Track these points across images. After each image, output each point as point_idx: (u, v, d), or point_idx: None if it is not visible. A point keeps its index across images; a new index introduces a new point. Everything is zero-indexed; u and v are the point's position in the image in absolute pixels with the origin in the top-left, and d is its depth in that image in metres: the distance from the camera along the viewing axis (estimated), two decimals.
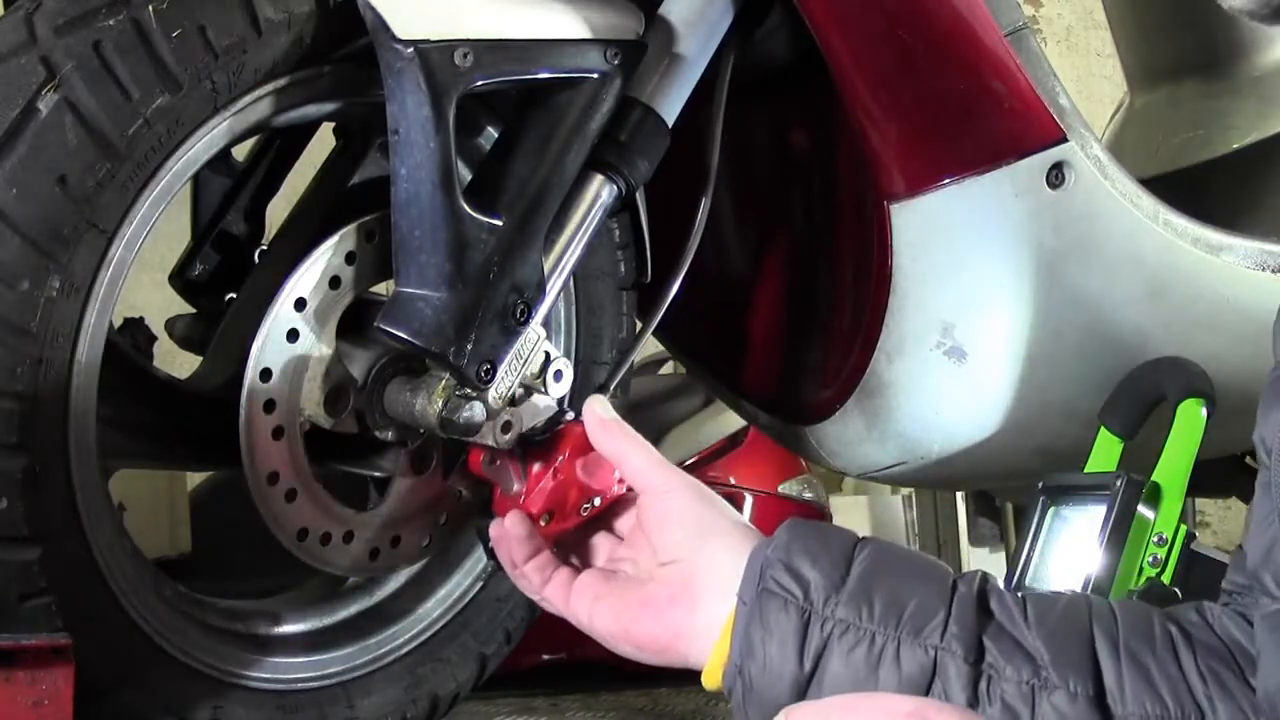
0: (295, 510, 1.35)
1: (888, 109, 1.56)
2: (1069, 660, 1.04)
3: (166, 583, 1.37)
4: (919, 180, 1.58)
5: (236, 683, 1.37)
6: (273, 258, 1.51)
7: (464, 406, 1.31)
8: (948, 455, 1.74)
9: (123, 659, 1.28)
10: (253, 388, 1.30)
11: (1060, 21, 4.88)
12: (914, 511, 4.23)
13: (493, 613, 1.58)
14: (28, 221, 1.17)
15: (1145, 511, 1.50)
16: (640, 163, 1.43)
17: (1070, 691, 1.02)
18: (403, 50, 1.25)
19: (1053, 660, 1.04)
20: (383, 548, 1.42)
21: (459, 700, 1.57)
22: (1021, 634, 1.06)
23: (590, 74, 1.38)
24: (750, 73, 1.58)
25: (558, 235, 1.39)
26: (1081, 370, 1.71)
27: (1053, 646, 1.05)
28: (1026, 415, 1.71)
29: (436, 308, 1.28)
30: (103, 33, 1.20)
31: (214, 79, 1.25)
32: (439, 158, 1.27)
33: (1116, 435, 1.63)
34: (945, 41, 1.54)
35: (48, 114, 1.18)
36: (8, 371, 1.17)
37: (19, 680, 1.05)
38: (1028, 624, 1.06)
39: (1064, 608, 1.09)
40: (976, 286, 1.66)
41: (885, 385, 1.69)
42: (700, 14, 1.48)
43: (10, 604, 1.19)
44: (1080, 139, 1.61)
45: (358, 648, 1.49)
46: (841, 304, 1.75)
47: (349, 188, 1.52)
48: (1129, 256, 1.68)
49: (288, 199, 1.59)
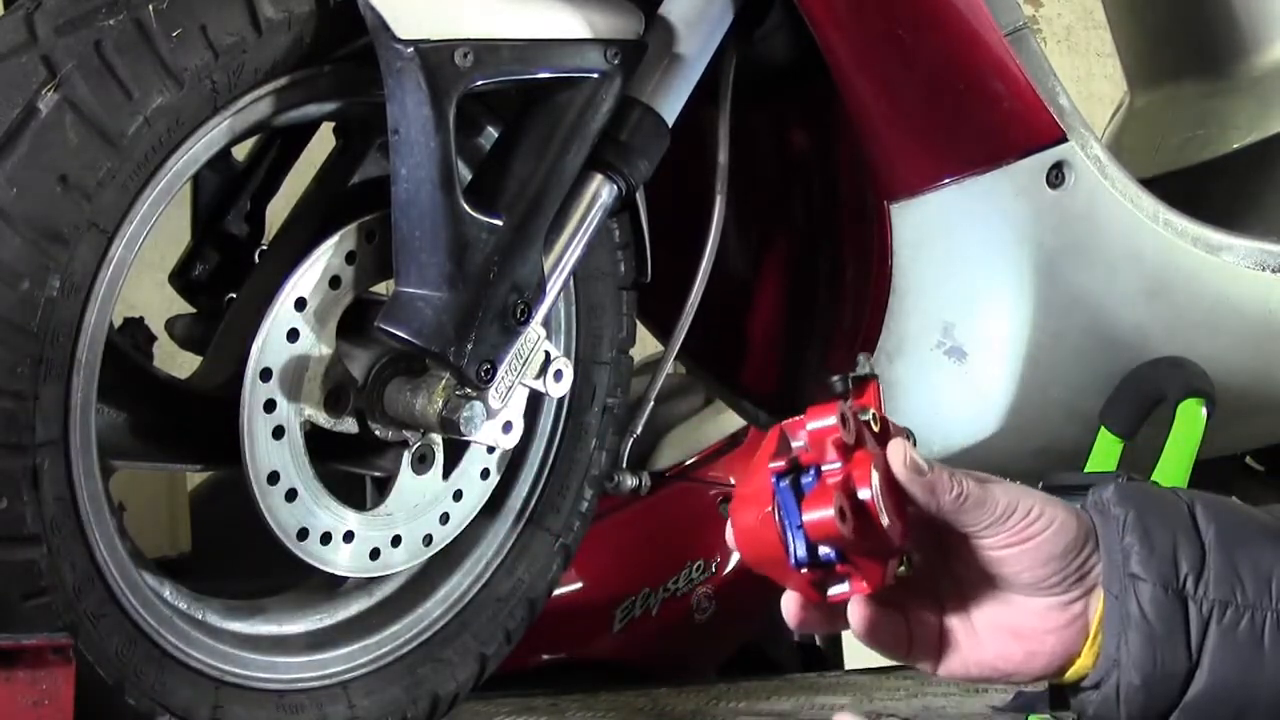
0: (295, 510, 1.35)
1: (888, 109, 1.56)
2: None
3: (166, 582, 1.37)
4: (919, 180, 1.59)
5: (236, 682, 1.37)
6: (273, 258, 1.51)
7: (464, 406, 1.31)
8: (948, 455, 1.73)
9: (123, 659, 1.28)
10: (253, 388, 1.30)
11: (1060, 21, 4.87)
12: None
13: (493, 613, 1.57)
14: (28, 221, 1.17)
15: None
16: (640, 163, 1.43)
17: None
18: (403, 50, 1.26)
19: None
20: (383, 548, 1.42)
21: (459, 700, 1.57)
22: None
23: (590, 74, 1.38)
24: (750, 73, 1.58)
25: (558, 235, 1.39)
26: (1081, 370, 1.71)
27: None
28: (1026, 415, 1.71)
29: (437, 308, 1.29)
30: (103, 32, 1.20)
31: (214, 78, 1.25)
32: (439, 158, 1.27)
33: (1116, 435, 1.63)
34: (945, 41, 1.54)
35: (48, 113, 1.18)
36: (8, 371, 1.17)
37: (19, 680, 1.05)
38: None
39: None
40: (976, 286, 1.66)
41: (885, 385, 1.68)
42: (700, 14, 1.48)
43: (11, 604, 1.19)
44: (1080, 139, 1.61)
45: (358, 648, 1.49)
46: (841, 304, 1.75)
47: (349, 188, 1.52)
48: (1129, 256, 1.68)
49: (288, 199, 1.59)
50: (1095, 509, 1.01)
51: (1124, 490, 1.01)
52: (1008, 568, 0.99)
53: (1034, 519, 0.99)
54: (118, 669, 1.28)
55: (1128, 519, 0.99)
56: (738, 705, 2.10)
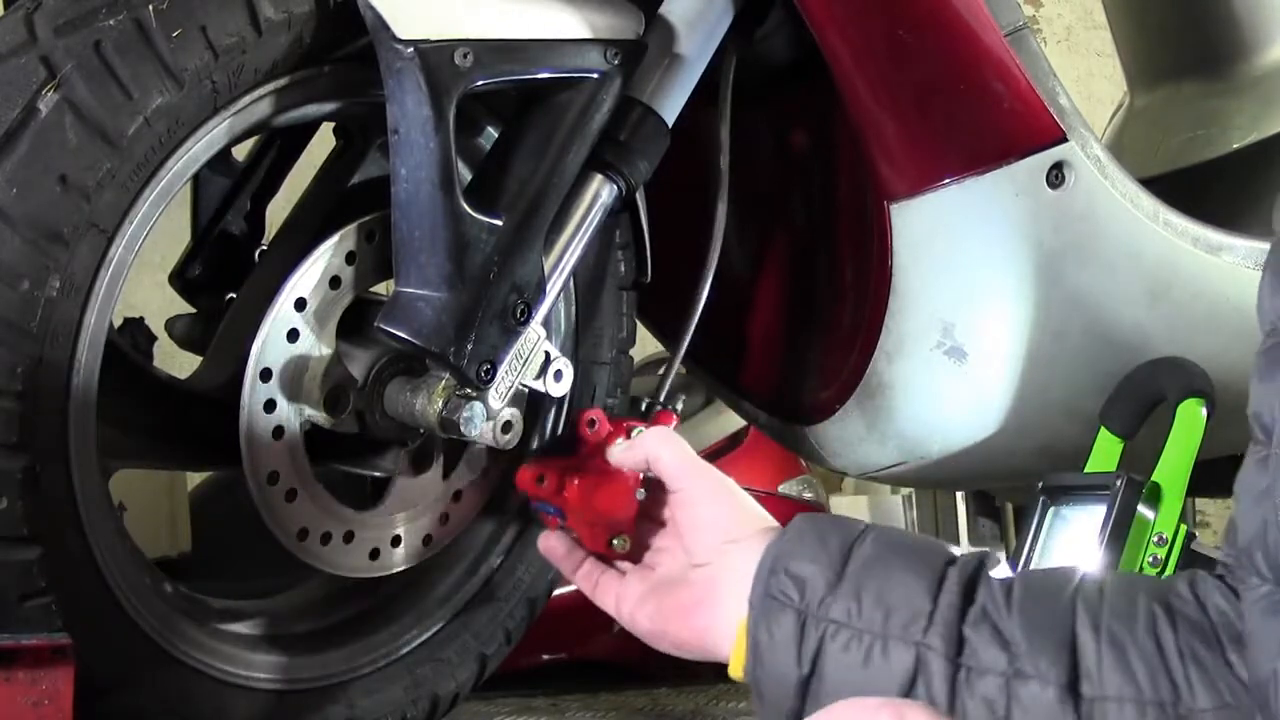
0: (295, 510, 1.35)
1: (888, 109, 1.56)
2: (1043, 646, 1.04)
3: (166, 583, 1.37)
4: (919, 180, 1.58)
5: (236, 683, 1.37)
6: (273, 258, 1.51)
7: (464, 407, 1.31)
8: (948, 455, 1.74)
9: (123, 659, 1.28)
10: (252, 388, 1.30)
11: (1060, 21, 4.88)
12: (914, 511, 4.22)
13: (493, 613, 1.58)
14: (28, 221, 1.17)
15: (1145, 511, 1.50)
16: (640, 163, 1.43)
17: (1042, 679, 1.03)
18: (403, 50, 1.25)
19: (1027, 648, 1.04)
20: (383, 548, 1.42)
21: (459, 700, 1.57)
22: (1001, 620, 1.06)
23: (590, 74, 1.38)
24: (750, 73, 1.58)
25: (558, 235, 1.39)
26: (1081, 370, 1.71)
27: (1029, 632, 1.05)
28: (1026, 415, 1.71)
29: (436, 308, 1.28)
30: (103, 32, 1.20)
31: (214, 79, 1.25)
32: (439, 158, 1.27)
33: (1116, 435, 1.63)
34: (945, 41, 1.54)
35: (48, 114, 1.18)
36: (8, 371, 1.17)
37: (19, 680, 1.05)
38: (1009, 609, 1.07)
39: (1050, 587, 1.09)
40: (976, 286, 1.66)
41: (885, 385, 1.69)
42: (700, 14, 1.48)
43: (10, 604, 1.19)
44: (1080, 139, 1.61)
45: (358, 648, 1.49)
46: (841, 304, 1.75)
47: (349, 188, 1.52)
48: (1129, 256, 1.68)
49: (288, 199, 1.59)
50: (786, 530, 1.16)
51: (801, 520, 1.16)
52: (686, 535, 1.20)
53: (697, 497, 1.20)
54: (118, 669, 1.28)
55: (784, 547, 1.13)
56: (738, 705, 2.10)
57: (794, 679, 1.09)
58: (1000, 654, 1.05)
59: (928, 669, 1.05)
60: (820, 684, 1.08)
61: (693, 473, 1.23)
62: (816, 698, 1.08)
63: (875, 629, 1.07)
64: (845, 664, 1.07)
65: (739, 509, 1.21)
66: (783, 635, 1.10)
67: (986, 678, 1.04)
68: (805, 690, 1.09)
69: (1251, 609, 0.99)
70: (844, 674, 1.07)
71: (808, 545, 1.13)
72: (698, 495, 1.21)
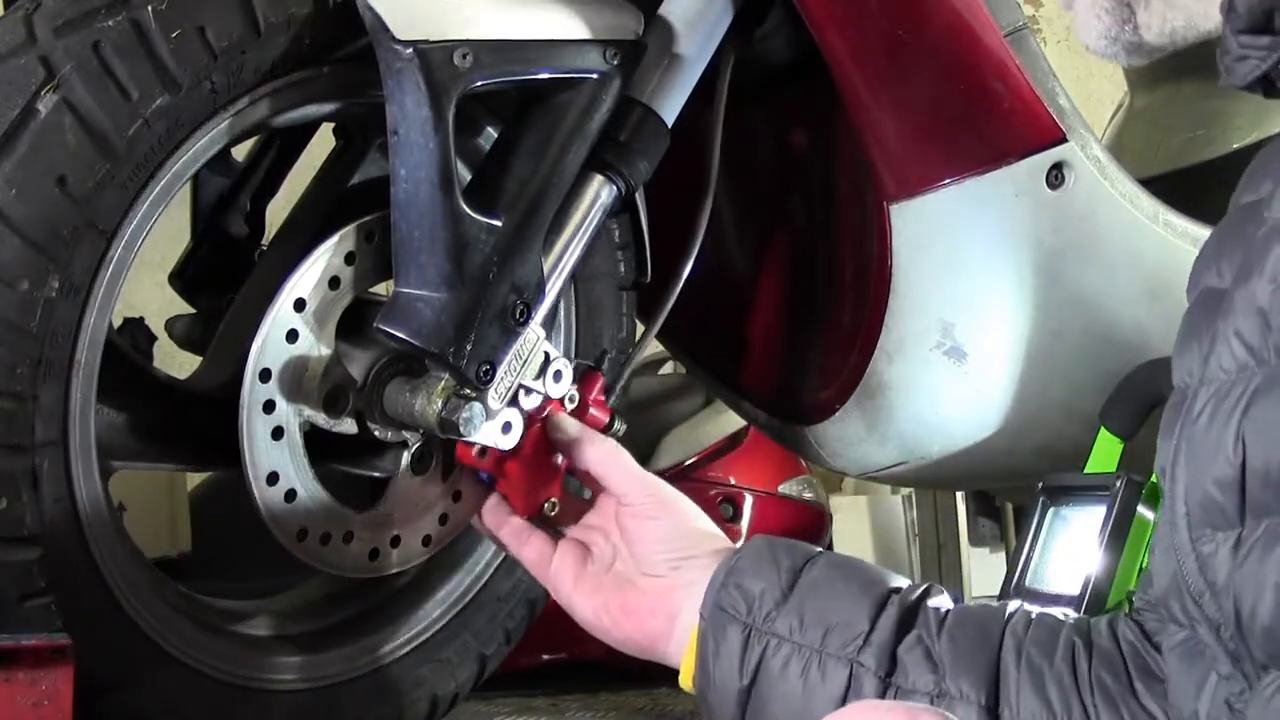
0: (295, 510, 1.34)
1: (888, 109, 1.56)
2: (969, 670, 1.11)
3: (166, 583, 1.37)
4: (919, 180, 1.59)
5: (236, 683, 1.37)
6: (272, 258, 1.51)
7: (463, 407, 1.31)
8: (948, 455, 1.74)
9: (123, 659, 1.28)
10: (252, 388, 1.30)
11: (1060, 21, 4.88)
12: (914, 511, 4.22)
13: (493, 613, 1.58)
14: (28, 221, 1.17)
15: (1145, 512, 1.50)
16: (640, 163, 1.43)
17: (965, 701, 1.09)
18: (402, 51, 1.25)
19: (953, 671, 1.11)
20: (383, 548, 1.42)
21: (459, 700, 1.57)
22: (933, 644, 1.12)
23: (590, 74, 1.38)
24: (750, 73, 1.58)
25: (558, 235, 1.39)
26: (1081, 370, 1.71)
27: (956, 657, 1.11)
28: (1026, 415, 1.71)
29: (436, 308, 1.28)
30: (102, 33, 1.20)
31: (213, 79, 1.25)
32: (439, 158, 1.27)
33: (1116, 435, 1.63)
34: (945, 41, 1.54)
35: (47, 114, 1.18)
36: (8, 371, 1.17)
37: (19, 680, 1.05)
38: (940, 634, 1.13)
39: (983, 619, 1.15)
40: (976, 286, 1.66)
41: (885, 385, 1.69)
42: (700, 14, 1.48)
43: (10, 604, 1.19)
44: (1080, 139, 1.61)
45: (357, 648, 1.49)
46: (841, 304, 1.75)
47: (349, 188, 1.52)
48: (1129, 256, 1.68)
49: (288, 199, 1.59)
50: (743, 548, 1.22)
51: (756, 540, 1.22)
52: (635, 545, 1.26)
53: (649, 507, 1.26)
54: (118, 669, 1.28)
55: (738, 563, 1.19)
56: None
57: (735, 689, 1.14)
58: (929, 675, 1.11)
59: (860, 686, 1.11)
60: (760, 695, 1.13)
61: (640, 489, 1.29)
62: (756, 709, 1.14)
63: (814, 645, 1.13)
64: (784, 677, 1.13)
65: (691, 529, 1.26)
66: (728, 647, 1.15)
67: (914, 697, 1.10)
68: (746, 700, 1.14)
69: (1169, 655, 1.05)
70: (783, 687, 1.13)
71: (761, 563, 1.19)
72: (648, 510, 1.27)
